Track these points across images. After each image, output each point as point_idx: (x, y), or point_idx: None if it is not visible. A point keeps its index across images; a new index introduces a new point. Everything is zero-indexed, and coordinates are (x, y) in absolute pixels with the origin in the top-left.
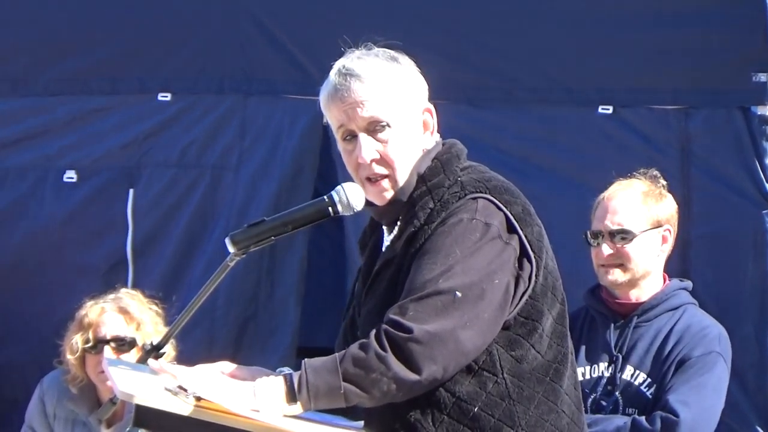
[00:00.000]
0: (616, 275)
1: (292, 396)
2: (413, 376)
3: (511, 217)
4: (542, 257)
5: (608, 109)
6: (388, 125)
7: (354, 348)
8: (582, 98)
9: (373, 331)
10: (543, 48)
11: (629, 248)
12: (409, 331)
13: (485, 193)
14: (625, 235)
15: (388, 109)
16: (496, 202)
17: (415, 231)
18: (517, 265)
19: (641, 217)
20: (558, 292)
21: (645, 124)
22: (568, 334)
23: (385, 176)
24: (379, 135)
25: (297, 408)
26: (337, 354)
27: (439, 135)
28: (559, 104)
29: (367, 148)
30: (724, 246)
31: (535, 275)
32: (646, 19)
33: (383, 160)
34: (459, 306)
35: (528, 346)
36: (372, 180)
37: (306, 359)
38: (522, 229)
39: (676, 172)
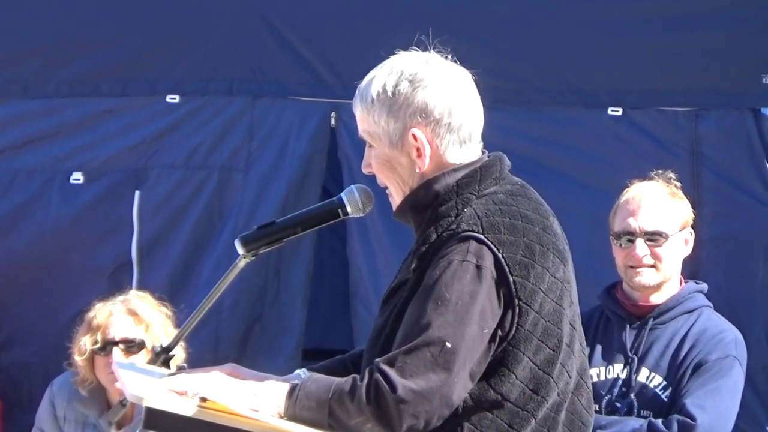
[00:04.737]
0: (649, 277)
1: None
2: (392, 430)
3: (502, 261)
4: (534, 303)
5: (618, 111)
6: (370, 144)
7: (346, 386)
8: (592, 100)
9: (367, 375)
10: (553, 50)
11: (663, 250)
12: (394, 389)
13: (478, 231)
14: (660, 236)
15: (369, 130)
16: (488, 242)
17: (418, 263)
18: (501, 308)
19: (673, 218)
20: (551, 337)
21: (655, 126)
22: (558, 380)
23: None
24: (371, 151)
25: None
26: (335, 383)
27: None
28: (569, 106)
29: (365, 159)
30: (734, 248)
31: (518, 322)
32: (656, 22)
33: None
34: (448, 357)
35: (494, 393)
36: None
37: (312, 375)
38: (513, 274)
39: (687, 174)
